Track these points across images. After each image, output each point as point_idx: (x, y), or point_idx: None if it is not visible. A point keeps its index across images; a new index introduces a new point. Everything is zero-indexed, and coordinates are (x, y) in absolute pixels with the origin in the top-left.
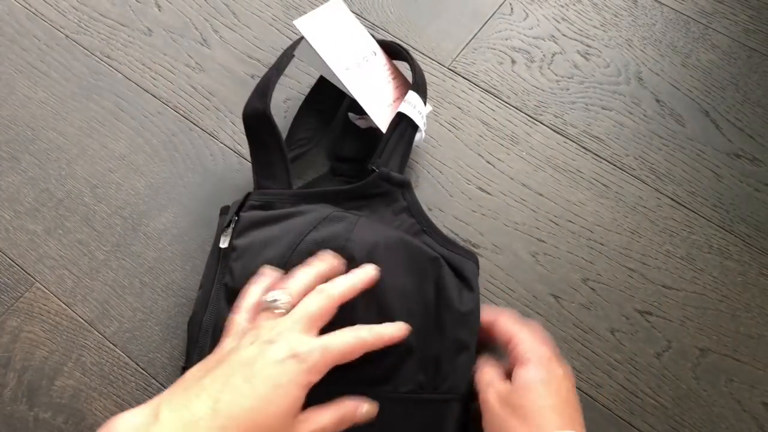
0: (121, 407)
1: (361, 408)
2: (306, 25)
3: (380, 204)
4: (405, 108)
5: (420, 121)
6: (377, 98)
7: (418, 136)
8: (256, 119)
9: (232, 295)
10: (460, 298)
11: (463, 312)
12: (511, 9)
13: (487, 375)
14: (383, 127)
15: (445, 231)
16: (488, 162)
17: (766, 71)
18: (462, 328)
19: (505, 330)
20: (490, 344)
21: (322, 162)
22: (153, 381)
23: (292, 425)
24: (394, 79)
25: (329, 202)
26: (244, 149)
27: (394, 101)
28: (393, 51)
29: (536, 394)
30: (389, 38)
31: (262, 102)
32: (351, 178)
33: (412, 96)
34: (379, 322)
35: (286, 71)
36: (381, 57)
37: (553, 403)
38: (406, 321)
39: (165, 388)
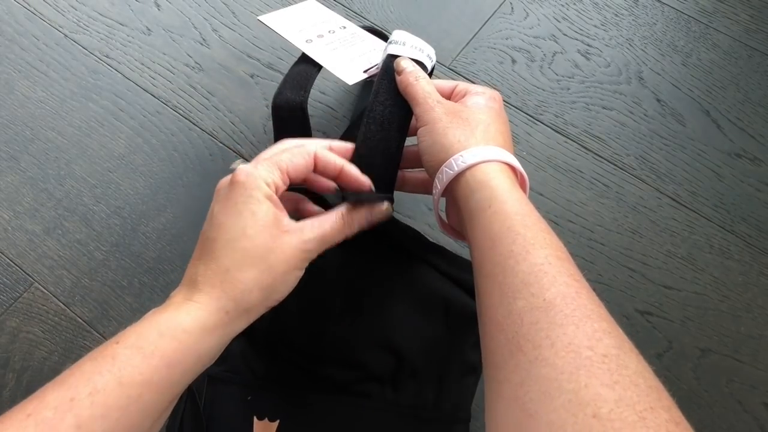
0: None
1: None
2: (270, 18)
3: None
4: (393, 49)
5: (418, 55)
6: (343, 57)
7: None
8: (289, 111)
9: None
10: (471, 318)
11: (473, 333)
12: (512, 8)
13: (431, 87)
14: (348, 78)
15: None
16: None
17: (767, 71)
18: (472, 350)
19: (445, 82)
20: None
21: None
22: None
23: (277, 236)
24: (367, 40)
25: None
26: (244, 149)
27: (364, 53)
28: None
29: (487, 115)
30: None
31: (299, 95)
32: None
33: (397, 34)
34: (381, 336)
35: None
36: (352, 28)
37: (502, 129)
38: (411, 340)
39: None
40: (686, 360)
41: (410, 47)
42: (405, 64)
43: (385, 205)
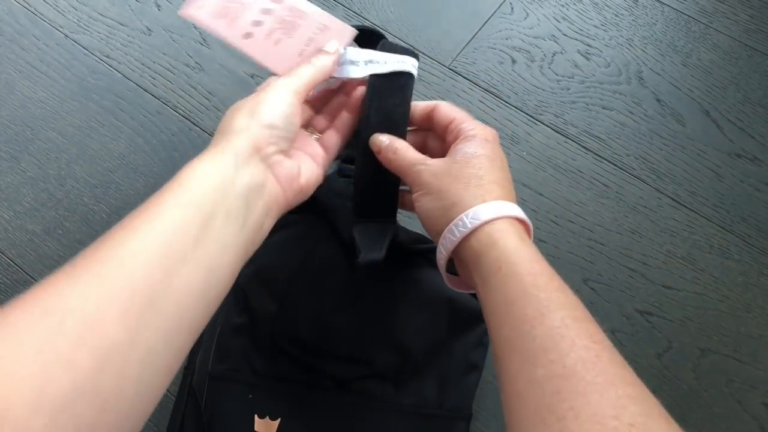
0: None
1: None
2: (193, 9)
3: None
4: (376, 68)
5: (401, 66)
6: (289, 51)
7: (401, 66)
8: None
9: (240, 294)
10: (475, 318)
11: (476, 332)
12: (512, 8)
13: (413, 154)
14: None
15: None
16: None
17: (767, 71)
18: (474, 349)
19: (447, 113)
20: (426, 129)
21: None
22: None
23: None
24: (308, 17)
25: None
26: None
27: (311, 39)
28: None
29: (480, 167)
30: (389, 38)
31: None
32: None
33: (377, 55)
34: (387, 333)
35: None
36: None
37: (496, 177)
38: (416, 338)
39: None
40: (686, 360)
41: (394, 62)
42: (378, 143)
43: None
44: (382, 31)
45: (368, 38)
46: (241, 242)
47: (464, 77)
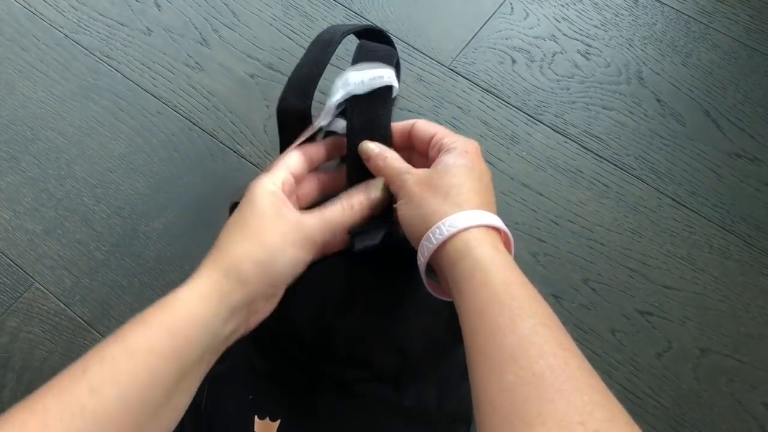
0: None
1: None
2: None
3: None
4: (357, 88)
5: (379, 82)
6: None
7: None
8: (294, 118)
9: None
10: None
11: None
12: (512, 8)
13: (400, 163)
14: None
15: None
16: (488, 162)
17: (767, 71)
18: None
19: (425, 129)
20: (408, 149)
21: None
22: None
23: (273, 218)
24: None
25: None
26: (244, 149)
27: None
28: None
29: (459, 177)
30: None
31: (302, 101)
32: None
33: (353, 75)
34: (387, 335)
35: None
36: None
37: (475, 187)
38: (416, 341)
39: None
40: (686, 360)
41: (369, 79)
42: (368, 150)
43: (381, 184)
44: (382, 30)
45: (372, 38)
46: (201, 379)
47: (464, 77)
